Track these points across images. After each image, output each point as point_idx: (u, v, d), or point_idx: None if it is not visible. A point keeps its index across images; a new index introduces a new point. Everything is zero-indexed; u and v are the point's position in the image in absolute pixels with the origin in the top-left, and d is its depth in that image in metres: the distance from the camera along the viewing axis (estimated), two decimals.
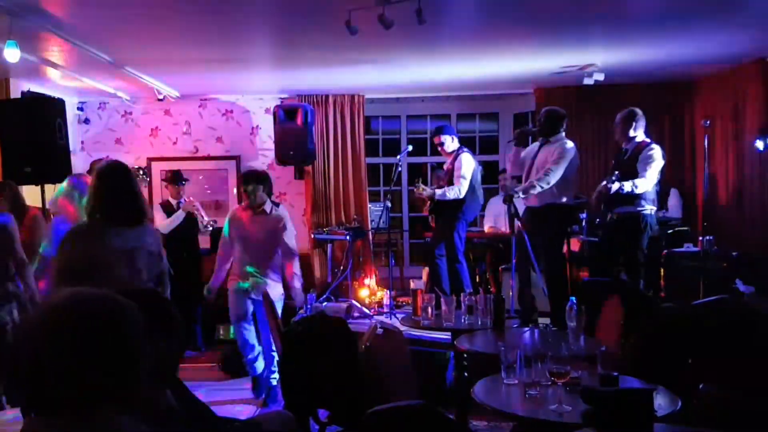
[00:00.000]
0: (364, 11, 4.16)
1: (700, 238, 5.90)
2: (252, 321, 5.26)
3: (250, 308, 5.22)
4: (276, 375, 5.16)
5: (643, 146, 5.37)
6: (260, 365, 5.27)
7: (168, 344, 2.06)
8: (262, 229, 5.18)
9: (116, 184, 3.46)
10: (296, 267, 5.19)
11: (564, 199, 5.55)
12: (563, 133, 5.64)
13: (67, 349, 1.31)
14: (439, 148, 6.30)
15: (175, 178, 6.82)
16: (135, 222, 3.47)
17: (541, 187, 5.40)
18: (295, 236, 5.33)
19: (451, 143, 6.22)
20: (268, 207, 5.22)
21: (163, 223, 6.25)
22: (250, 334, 5.26)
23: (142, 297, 1.55)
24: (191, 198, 6.61)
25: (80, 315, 1.34)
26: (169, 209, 6.61)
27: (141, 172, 6.76)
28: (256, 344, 5.28)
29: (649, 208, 5.36)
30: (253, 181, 5.18)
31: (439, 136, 6.24)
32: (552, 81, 7.24)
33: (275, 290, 5.13)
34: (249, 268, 5.16)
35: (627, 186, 5.20)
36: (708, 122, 5.88)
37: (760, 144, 5.85)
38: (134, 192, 3.52)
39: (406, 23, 4.22)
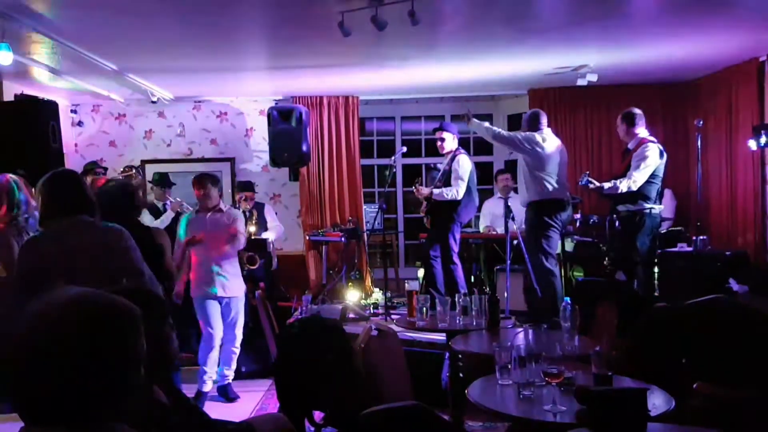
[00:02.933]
0: (357, 12, 4.17)
1: (694, 238, 5.93)
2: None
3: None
4: (231, 372, 5.37)
5: (640, 144, 5.44)
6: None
7: (159, 343, 2.06)
8: (220, 227, 5.24)
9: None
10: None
11: (537, 197, 5.61)
12: (541, 130, 5.71)
13: (64, 355, 1.26)
14: (438, 143, 6.27)
15: (162, 181, 6.80)
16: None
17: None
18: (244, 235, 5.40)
19: (451, 141, 6.22)
20: (223, 206, 5.35)
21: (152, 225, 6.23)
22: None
23: (133, 296, 1.51)
24: (178, 198, 6.59)
25: (79, 317, 1.29)
26: (154, 212, 6.60)
27: (134, 170, 6.74)
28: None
29: (649, 207, 5.39)
30: (208, 182, 5.25)
31: (441, 132, 6.23)
32: (546, 82, 7.27)
33: (241, 287, 5.34)
34: (214, 268, 5.18)
35: (606, 185, 5.30)
36: (701, 122, 5.91)
37: (753, 143, 5.88)
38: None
39: (400, 24, 4.22)
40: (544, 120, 5.75)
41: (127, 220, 3.76)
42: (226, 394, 5.34)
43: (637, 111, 5.57)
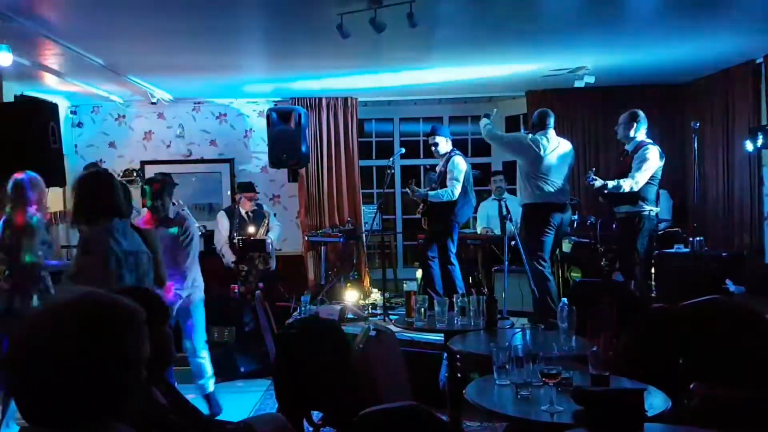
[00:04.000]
0: (356, 14, 4.18)
1: (691, 239, 5.94)
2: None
3: None
4: (208, 381, 5.01)
5: (640, 146, 5.46)
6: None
7: (158, 344, 2.08)
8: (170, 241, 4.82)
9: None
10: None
11: (529, 200, 5.62)
12: (546, 130, 5.70)
13: (67, 354, 1.26)
14: (433, 149, 6.32)
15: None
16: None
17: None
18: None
19: (445, 144, 6.25)
20: (171, 213, 4.93)
21: None
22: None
23: (134, 296, 1.52)
24: (179, 201, 6.59)
25: (82, 317, 1.30)
26: None
27: (134, 174, 6.75)
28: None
29: (648, 209, 5.41)
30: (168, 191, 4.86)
31: (433, 137, 6.26)
32: (543, 84, 7.28)
33: (197, 295, 4.95)
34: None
35: (610, 184, 5.33)
36: (698, 124, 5.93)
37: (749, 145, 5.90)
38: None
39: (398, 26, 4.24)
40: (550, 120, 5.71)
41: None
42: (209, 402, 5.03)
43: (642, 113, 5.59)
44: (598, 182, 5.39)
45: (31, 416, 1.31)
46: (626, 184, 5.32)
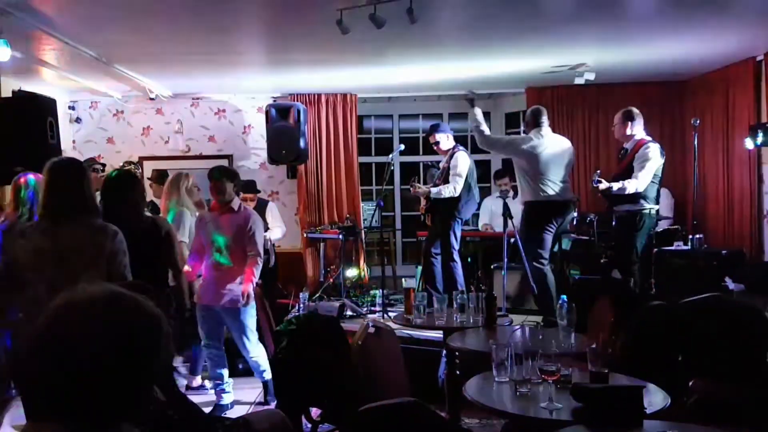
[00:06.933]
0: (356, 10, 4.17)
1: (690, 236, 5.94)
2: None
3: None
4: (266, 369, 4.96)
5: (640, 145, 5.44)
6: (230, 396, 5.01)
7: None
8: (231, 226, 4.83)
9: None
10: (257, 270, 4.81)
11: (529, 198, 5.61)
12: (540, 127, 5.67)
13: (90, 353, 1.21)
14: (435, 147, 6.29)
15: (161, 178, 6.78)
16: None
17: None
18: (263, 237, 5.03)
19: (446, 141, 6.22)
20: (236, 204, 4.92)
21: None
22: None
23: (135, 290, 1.49)
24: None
25: (109, 318, 1.26)
26: (155, 209, 6.58)
27: (132, 166, 6.72)
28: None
29: (649, 207, 5.40)
30: (223, 176, 4.93)
31: (434, 135, 6.22)
32: (543, 80, 7.27)
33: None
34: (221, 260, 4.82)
35: (615, 186, 5.30)
36: (698, 121, 5.92)
37: (749, 142, 5.89)
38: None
39: (398, 22, 4.23)
40: (544, 117, 5.66)
41: (136, 210, 3.80)
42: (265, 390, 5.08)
43: (636, 111, 5.57)
44: (603, 184, 5.36)
45: (37, 411, 1.25)
46: (631, 186, 5.30)
